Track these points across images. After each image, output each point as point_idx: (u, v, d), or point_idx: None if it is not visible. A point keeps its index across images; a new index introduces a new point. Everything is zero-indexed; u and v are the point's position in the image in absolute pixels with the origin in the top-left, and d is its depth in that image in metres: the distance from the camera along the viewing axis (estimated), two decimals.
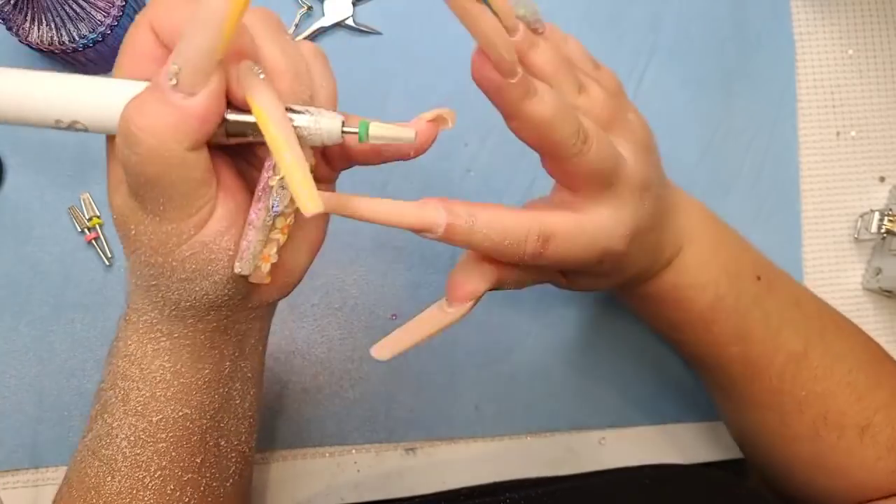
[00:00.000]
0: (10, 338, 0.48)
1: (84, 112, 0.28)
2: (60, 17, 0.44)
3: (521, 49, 0.32)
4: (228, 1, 0.24)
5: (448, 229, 0.31)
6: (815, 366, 0.41)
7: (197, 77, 0.26)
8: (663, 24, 0.53)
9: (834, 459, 0.42)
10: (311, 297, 0.50)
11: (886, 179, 0.54)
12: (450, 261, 0.51)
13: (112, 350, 0.34)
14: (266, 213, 0.29)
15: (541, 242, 0.32)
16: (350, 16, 0.51)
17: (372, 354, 0.34)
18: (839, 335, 0.43)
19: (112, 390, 0.33)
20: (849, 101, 0.54)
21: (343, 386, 0.50)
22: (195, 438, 0.34)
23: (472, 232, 0.31)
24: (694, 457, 0.52)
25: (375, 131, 0.29)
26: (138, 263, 0.30)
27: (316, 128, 0.28)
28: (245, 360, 0.35)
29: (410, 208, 0.31)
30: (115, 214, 0.30)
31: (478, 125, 0.51)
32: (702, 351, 0.43)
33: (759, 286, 0.41)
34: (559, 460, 0.51)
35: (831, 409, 0.41)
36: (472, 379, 0.51)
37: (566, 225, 0.33)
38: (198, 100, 0.26)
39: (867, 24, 0.54)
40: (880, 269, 0.51)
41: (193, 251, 0.29)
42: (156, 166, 0.26)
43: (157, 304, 0.31)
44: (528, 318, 0.51)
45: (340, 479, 0.50)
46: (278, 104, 0.27)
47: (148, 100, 0.26)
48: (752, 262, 0.42)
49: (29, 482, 0.48)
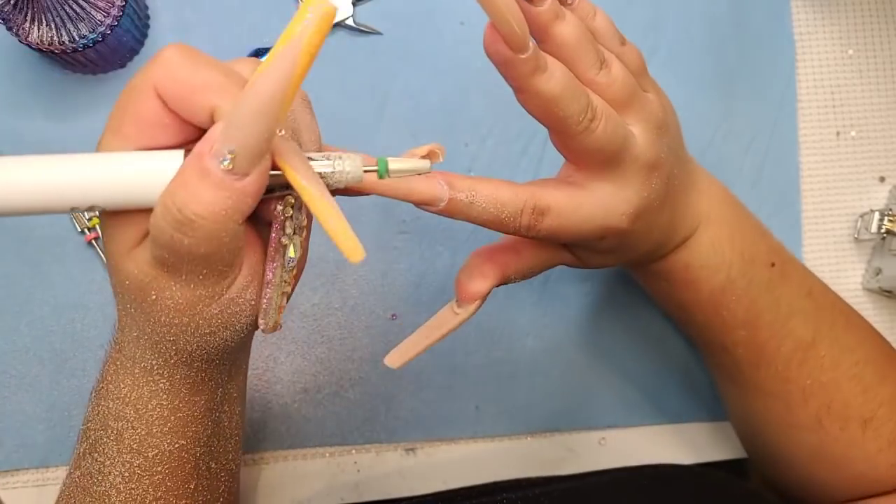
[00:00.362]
0: (10, 338, 0.48)
1: (103, 195, 0.26)
2: (60, 17, 0.44)
3: (546, 19, 0.32)
4: (284, 86, 0.24)
5: (450, 204, 0.32)
6: (822, 356, 0.41)
7: (254, 160, 0.25)
8: (663, 24, 0.53)
9: (835, 450, 0.42)
10: (312, 297, 0.50)
11: (886, 179, 0.54)
12: (450, 261, 0.51)
13: (100, 392, 0.33)
14: (282, 270, 0.30)
15: (535, 216, 0.33)
16: (350, 16, 0.51)
17: (386, 363, 0.35)
18: (849, 328, 0.43)
19: (102, 430, 0.33)
20: (849, 101, 0.54)
21: (343, 386, 0.50)
22: (189, 466, 0.34)
23: (471, 206, 0.32)
24: (694, 457, 0.52)
25: (394, 166, 0.29)
26: (150, 322, 0.29)
27: (340, 171, 0.28)
28: (232, 383, 0.35)
29: (416, 182, 0.32)
30: (129, 281, 0.28)
31: (478, 125, 0.51)
32: (709, 333, 0.43)
33: (773, 273, 0.41)
34: (559, 460, 0.51)
35: (836, 400, 0.42)
36: (472, 379, 0.51)
37: (561, 200, 0.34)
38: (252, 178, 0.26)
39: (867, 24, 0.54)
40: (880, 269, 0.51)
41: (221, 307, 0.29)
42: (211, 246, 0.26)
43: (163, 354, 0.31)
44: (528, 318, 0.51)
45: (340, 479, 0.50)
46: (302, 156, 0.27)
47: (201, 184, 0.25)
48: (767, 249, 0.42)
49: (29, 482, 0.48)
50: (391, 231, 0.51)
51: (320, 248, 0.50)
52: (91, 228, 0.48)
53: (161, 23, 0.50)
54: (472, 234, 0.51)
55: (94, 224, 0.48)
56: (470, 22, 0.52)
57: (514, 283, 0.39)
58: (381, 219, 0.50)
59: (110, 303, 0.49)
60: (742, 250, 0.41)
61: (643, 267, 0.42)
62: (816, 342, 0.41)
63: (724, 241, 0.41)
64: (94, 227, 0.48)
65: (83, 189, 0.26)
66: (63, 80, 0.49)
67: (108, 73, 0.49)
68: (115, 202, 0.27)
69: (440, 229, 0.50)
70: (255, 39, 0.50)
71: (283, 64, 0.24)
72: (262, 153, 0.25)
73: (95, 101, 0.49)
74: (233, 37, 0.50)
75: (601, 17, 0.36)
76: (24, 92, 0.49)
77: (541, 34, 0.32)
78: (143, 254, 0.28)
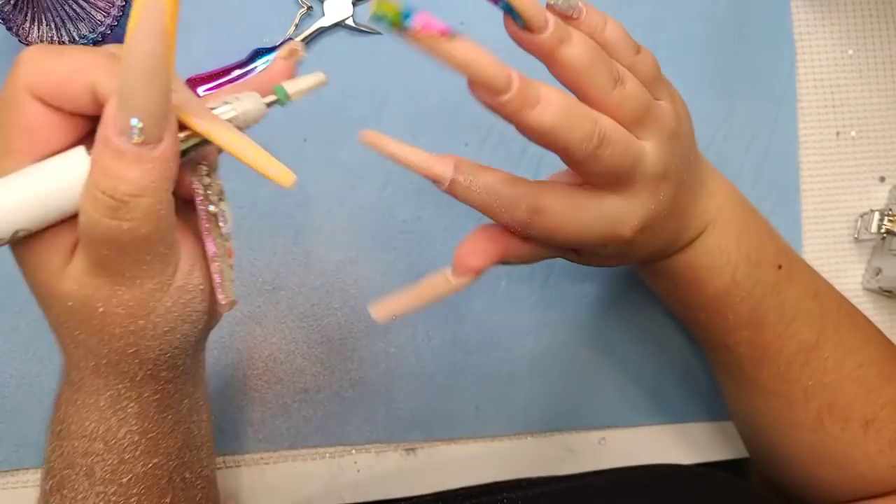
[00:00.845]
0: (10, 338, 0.48)
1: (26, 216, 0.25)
2: (60, 17, 0.44)
3: (550, 46, 0.31)
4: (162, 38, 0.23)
5: (451, 184, 0.33)
6: (825, 357, 0.41)
7: (161, 123, 0.25)
8: (663, 24, 0.53)
9: (836, 450, 0.42)
10: (312, 297, 0.50)
11: (886, 179, 0.54)
12: (450, 260, 0.51)
13: (60, 433, 0.32)
14: (221, 240, 0.29)
15: (529, 214, 0.33)
16: (350, 16, 0.51)
17: (370, 312, 0.35)
18: (854, 330, 0.43)
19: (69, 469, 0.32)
20: (849, 101, 0.54)
21: (343, 386, 0.50)
22: (164, 482, 0.34)
23: (470, 190, 0.33)
24: (694, 457, 0.52)
25: (291, 89, 0.30)
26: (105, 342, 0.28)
27: (242, 111, 0.28)
28: (197, 391, 0.35)
29: (430, 159, 0.33)
30: (72, 301, 0.27)
31: (478, 125, 0.51)
32: (713, 332, 0.43)
33: (779, 275, 0.41)
34: (559, 460, 0.51)
35: (838, 401, 0.42)
36: (472, 379, 0.51)
37: (560, 203, 0.33)
38: (167, 142, 0.25)
39: (867, 24, 0.54)
40: (880, 269, 0.51)
41: (173, 299, 0.28)
42: (150, 223, 0.26)
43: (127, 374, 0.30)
44: (528, 317, 0.51)
45: (340, 479, 0.50)
46: (202, 104, 0.27)
47: (121, 164, 0.25)
48: (775, 251, 0.42)
49: (29, 482, 0.48)
50: (391, 231, 0.51)
51: (320, 248, 0.50)
52: None
53: None
54: None
55: None
56: (470, 22, 0.52)
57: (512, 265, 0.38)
58: (381, 219, 0.50)
59: None
60: (749, 252, 0.41)
61: (647, 265, 0.42)
62: (820, 344, 0.41)
63: (730, 243, 0.40)
64: None
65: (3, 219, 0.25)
66: None
67: None
68: (38, 218, 0.26)
69: (440, 229, 0.50)
70: (254, 39, 0.50)
71: (152, 13, 0.23)
72: (165, 114, 0.25)
73: None
74: (232, 37, 0.50)
75: (612, 26, 0.33)
76: None
77: (547, 60, 0.31)
78: (78, 266, 0.27)
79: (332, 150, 0.50)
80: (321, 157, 0.50)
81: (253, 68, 0.48)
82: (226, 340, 0.49)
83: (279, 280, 0.50)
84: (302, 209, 0.50)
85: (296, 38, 0.50)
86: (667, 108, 0.35)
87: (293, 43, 0.33)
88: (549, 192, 0.33)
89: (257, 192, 0.50)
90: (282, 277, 0.50)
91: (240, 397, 0.49)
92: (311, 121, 0.51)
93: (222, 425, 0.49)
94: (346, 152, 0.51)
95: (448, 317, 0.51)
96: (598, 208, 0.34)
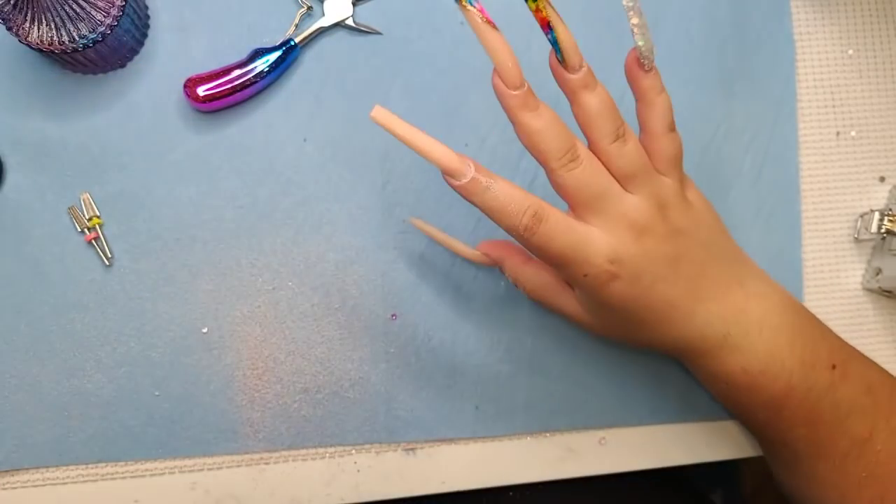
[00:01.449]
0: (10, 338, 0.48)
1: None
2: (60, 17, 0.44)
3: (575, 87, 0.37)
4: None
5: (472, 181, 0.35)
6: (878, 450, 0.42)
7: None
8: (663, 24, 0.53)
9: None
10: (312, 297, 0.50)
11: (886, 179, 0.54)
12: (450, 260, 0.51)
13: None
14: None
15: (534, 220, 0.36)
16: (350, 16, 0.51)
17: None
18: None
19: None
20: (849, 101, 0.54)
21: (343, 386, 0.50)
22: None
23: (486, 191, 0.36)
24: (694, 456, 0.52)
25: None
26: None
27: None
28: None
29: (451, 154, 0.35)
30: None
31: (478, 125, 0.51)
32: (770, 430, 0.45)
33: (833, 375, 0.42)
34: (559, 460, 0.51)
35: (890, 491, 0.42)
36: (472, 379, 0.51)
37: (557, 216, 0.37)
38: None
39: (867, 24, 0.54)
40: (880, 269, 0.51)
41: None
42: None
43: None
44: (528, 317, 0.51)
45: (340, 479, 0.50)
46: None
47: None
48: (828, 351, 0.43)
49: (29, 482, 0.48)
50: (391, 231, 0.51)
51: (320, 247, 0.50)
52: (91, 228, 0.48)
53: (161, 23, 0.50)
54: (472, 233, 0.51)
55: (93, 224, 0.48)
56: None
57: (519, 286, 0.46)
58: (381, 219, 0.50)
59: (110, 302, 0.49)
60: (802, 357, 0.42)
61: (694, 364, 0.44)
62: (873, 437, 0.42)
63: (783, 348, 0.42)
64: (93, 227, 0.48)
65: None
66: (63, 80, 0.49)
67: (108, 73, 0.49)
68: None
69: (440, 229, 0.50)
70: (254, 39, 0.50)
71: None
72: None
73: (95, 101, 0.49)
74: (232, 37, 0.50)
75: (665, 97, 0.39)
76: (24, 92, 0.49)
77: (570, 97, 0.37)
78: None
79: (332, 150, 0.50)
80: (321, 157, 0.50)
81: (253, 68, 0.48)
82: (226, 340, 0.49)
83: (279, 280, 0.50)
84: (302, 209, 0.50)
85: (296, 38, 0.50)
86: (667, 182, 0.40)
87: None
88: (550, 206, 0.37)
89: (257, 192, 0.50)
90: (282, 277, 0.50)
91: (240, 397, 0.49)
92: (311, 121, 0.51)
93: (222, 425, 0.49)
94: (346, 152, 0.51)
95: (448, 317, 0.51)
96: (582, 231, 0.38)
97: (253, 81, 0.48)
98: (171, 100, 0.50)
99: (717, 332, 0.41)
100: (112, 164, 0.49)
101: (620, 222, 0.38)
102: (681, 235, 0.40)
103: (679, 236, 0.39)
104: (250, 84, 0.48)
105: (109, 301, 0.49)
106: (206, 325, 0.49)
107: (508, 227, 0.37)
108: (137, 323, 0.49)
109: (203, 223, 0.50)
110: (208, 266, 0.49)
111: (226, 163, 0.50)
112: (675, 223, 0.39)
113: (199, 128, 0.50)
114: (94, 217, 0.49)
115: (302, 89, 0.51)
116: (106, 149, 0.49)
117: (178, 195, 0.49)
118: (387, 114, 0.35)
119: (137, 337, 0.49)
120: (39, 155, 0.49)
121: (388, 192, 0.51)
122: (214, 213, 0.50)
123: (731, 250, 0.44)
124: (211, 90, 0.48)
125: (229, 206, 0.50)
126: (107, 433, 0.48)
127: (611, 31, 0.53)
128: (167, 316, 0.49)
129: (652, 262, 0.39)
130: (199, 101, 0.48)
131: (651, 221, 0.38)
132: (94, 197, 0.49)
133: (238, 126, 0.50)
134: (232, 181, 0.50)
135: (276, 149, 0.50)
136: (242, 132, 0.50)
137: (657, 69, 0.39)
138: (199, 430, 0.49)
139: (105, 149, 0.49)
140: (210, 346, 0.49)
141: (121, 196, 0.49)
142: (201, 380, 0.49)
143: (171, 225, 0.49)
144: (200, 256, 0.49)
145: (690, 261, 0.40)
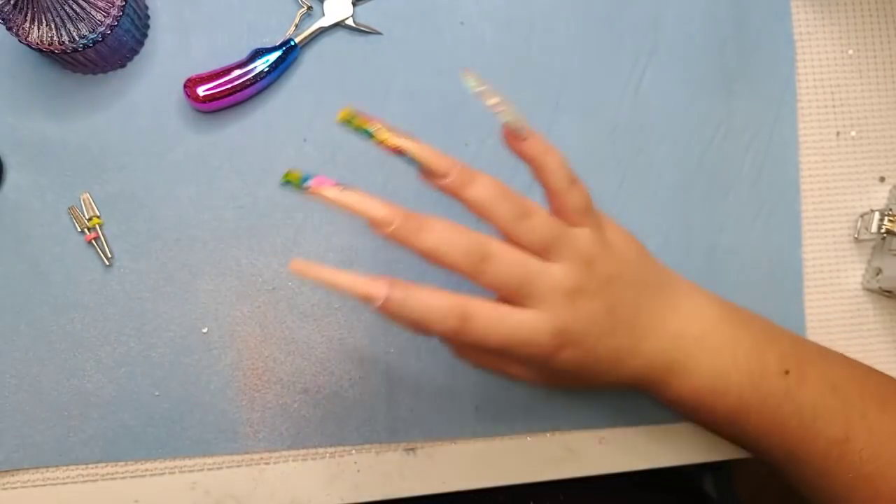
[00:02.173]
0: (10, 338, 0.48)
1: None
2: (60, 17, 0.44)
3: (455, 188, 0.37)
4: None
5: (384, 303, 0.35)
6: (859, 449, 0.41)
7: None
8: (663, 24, 0.53)
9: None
10: (311, 297, 0.50)
11: (886, 179, 0.54)
12: None
13: None
14: None
15: (461, 321, 0.36)
16: (350, 16, 0.51)
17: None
18: (884, 412, 0.42)
19: None
20: (849, 101, 0.54)
21: (343, 386, 0.50)
22: None
23: (403, 307, 0.35)
24: (693, 457, 0.52)
25: None
26: None
27: None
28: None
29: (360, 281, 0.35)
30: None
31: (478, 125, 0.51)
32: (742, 444, 0.45)
33: (788, 380, 0.41)
34: (559, 460, 0.51)
35: (882, 490, 0.41)
36: (472, 379, 0.51)
37: (485, 310, 0.36)
38: None
39: (867, 24, 0.54)
40: (880, 269, 0.51)
41: None
42: None
43: None
44: None
45: (340, 479, 0.50)
46: None
47: None
48: (778, 357, 0.42)
49: (29, 482, 0.48)
50: None
51: (319, 248, 0.50)
52: (91, 228, 0.48)
53: (161, 23, 0.50)
54: None
55: (93, 224, 0.48)
56: (470, 22, 0.52)
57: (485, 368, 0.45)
58: None
59: (110, 302, 0.49)
60: (749, 369, 0.41)
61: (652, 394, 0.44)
62: (850, 437, 0.41)
63: (727, 363, 0.41)
64: (93, 227, 0.48)
65: None
66: (63, 79, 0.49)
67: (108, 73, 0.49)
68: None
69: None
70: (254, 39, 0.50)
71: None
72: None
73: (95, 101, 0.49)
74: (232, 37, 0.50)
75: (553, 156, 0.38)
76: (24, 92, 0.49)
77: (455, 198, 0.37)
78: None
79: (332, 150, 0.50)
80: (321, 157, 0.50)
81: (253, 68, 0.48)
82: (226, 340, 0.49)
83: (279, 280, 0.50)
84: (302, 209, 0.50)
85: (296, 38, 0.50)
86: (584, 235, 0.39)
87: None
88: (476, 301, 0.36)
89: (257, 192, 0.50)
90: (282, 277, 0.50)
91: (240, 397, 0.49)
92: (311, 121, 0.51)
93: (222, 425, 0.49)
94: (346, 152, 0.51)
95: None
96: (517, 318, 0.37)
97: (253, 81, 0.48)
98: (171, 100, 0.50)
99: (663, 361, 0.41)
100: (112, 164, 0.49)
101: (552, 296, 0.37)
102: (611, 283, 0.39)
103: (609, 285, 0.39)
104: (250, 84, 0.48)
105: (109, 301, 0.49)
106: (206, 325, 0.49)
107: (439, 335, 0.36)
108: (137, 323, 0.49)
109: (203, 223, 0.50)
110: (208, 266, 0.49)
111: (226, 163, 0.50)
112: (603, 273, 0.39)
113: (199, 128, 0.50)
114: (94, 217, 0.49)
115: (302, 89, 0.51)
116: (106, 149, 0.49)
117: (178, 195, 0.49)
118: (305, 264, 0.35)
119: (137, 337, 0.49)
120: (39, 155, 0.49)
121: (388, 191, 0.51)
122: (214, 213, 0.50)
123: (657, 276, 0.43)
124: (211, 90, 0.48)
125: (229, 206, 0.50)
126: (107, 433, 0.48)
127: (611, 31, 0.53)
128: (167, 316, 0.49)
129: (592, 321, 0.38)
130: (199, 101, 0.48)
131: (580, 282, 0.38)
132: (94, 197, 0.49)
133: (238, 126, 0.50)
134: (232, 181, 0.50)
135: (276, 149, 0.50)
136: (242, 132, 0.50)
137: (534, 132, 0.38)
138: (199, 430, 0.49)
139: (105, 149, 0.49)
140: (210, 346, 0.49)
141: (121, 196, 0.49)
142: (201, 380, 0.49)
143: (171, 225, 0.49)
144: (200, 256, 0.49)
145: (624, 304, 0.40)
